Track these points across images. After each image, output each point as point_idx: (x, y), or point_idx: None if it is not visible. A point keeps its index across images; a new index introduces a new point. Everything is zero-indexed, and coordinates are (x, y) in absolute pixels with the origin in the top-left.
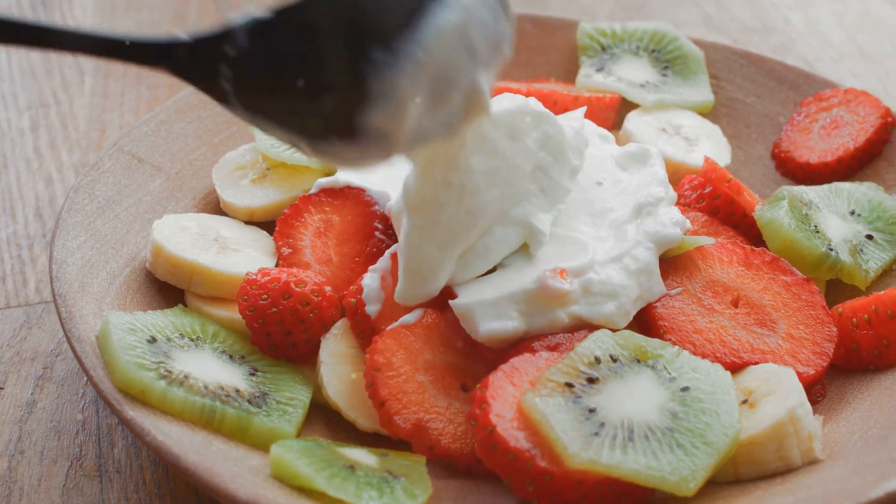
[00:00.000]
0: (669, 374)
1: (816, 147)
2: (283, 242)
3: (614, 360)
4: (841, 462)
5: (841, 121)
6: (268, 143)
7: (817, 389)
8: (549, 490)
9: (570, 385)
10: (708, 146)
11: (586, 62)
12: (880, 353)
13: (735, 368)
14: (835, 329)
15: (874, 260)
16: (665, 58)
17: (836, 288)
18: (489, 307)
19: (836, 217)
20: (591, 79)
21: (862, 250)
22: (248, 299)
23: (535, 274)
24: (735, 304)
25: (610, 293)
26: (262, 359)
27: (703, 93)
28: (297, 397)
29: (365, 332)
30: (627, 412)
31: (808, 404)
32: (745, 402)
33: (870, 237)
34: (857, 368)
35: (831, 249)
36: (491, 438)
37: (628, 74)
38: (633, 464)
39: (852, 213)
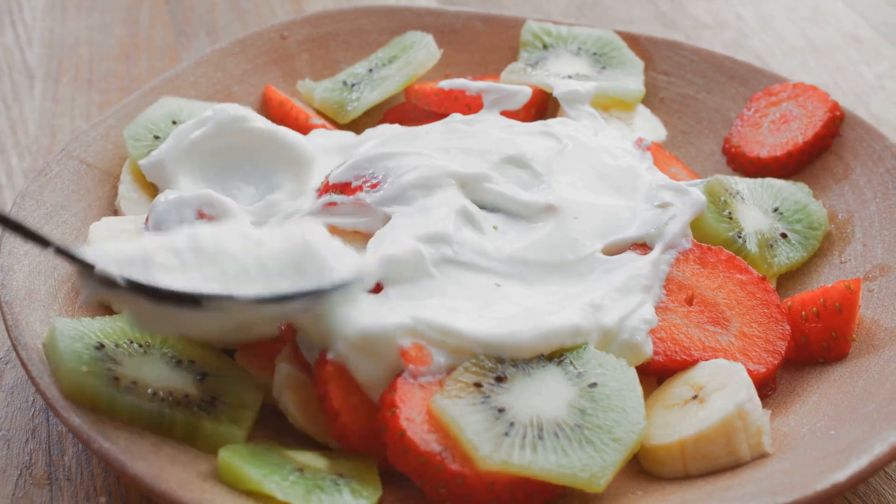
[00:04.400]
0: (576, 369)
1: (766, 142)
2: None
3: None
4: (789, 455)
5: (790, 115)
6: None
7: (767, 383)
8: (462, 492)
9: (478, 385)
10: (642, 124)
11: (523, 57)
12: (829, 345)
13: (685, 366)
14: (788, 327)
15: (782, 257)
16: (603, 61)
17: (788, 282)
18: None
19: (758, 210)
20: (513, 74)
21: (772, 246)
22: None
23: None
24: (689, 301)
25: None
26: (212, 363)
27: (635, 81)
28: (247, 401)
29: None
30: (536, 410)
31: (756, 399)
32: (694, 397)
33: (784, 235)
34: (806, 361)
35: (739, 237)
36: (401, 443)
37: (559, 69)
38: (545, 462)
39: (775, 210)
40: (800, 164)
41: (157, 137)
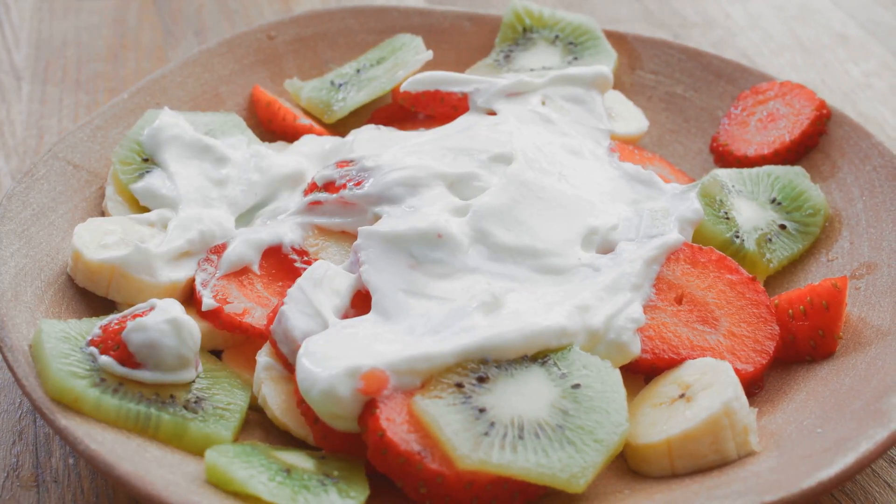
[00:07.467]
0: (560, 370)
1: (753, 140)
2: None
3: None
4: (776, 453)
5: (777, 113)
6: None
7: (755, 382)
8: (441, 491)
9: (460, 385)
10: (626, 114)
11: (496, 48)
12: (816, 343)
13: (673, 365)
14: (777, 328)
15: (780, 250)
16: (577, 52)
17: (775, 280)
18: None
19: (755, 204)
20: (478, 71)
21: (770, 240)
22: None
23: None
24: (679, 301)
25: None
26: (199, 364)
27: (600, 66)
28: (234, 402)
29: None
30: (518, 410)
31: (743, 397)
32: (681, 395)
33: (783, 227)
34: (794, 360)
35: (737, 237)
36: (381, 443)
37: (527, 63)
38: (524, 462)
39: (773, 201)
40: (787, 162)
41: (145, 160)
